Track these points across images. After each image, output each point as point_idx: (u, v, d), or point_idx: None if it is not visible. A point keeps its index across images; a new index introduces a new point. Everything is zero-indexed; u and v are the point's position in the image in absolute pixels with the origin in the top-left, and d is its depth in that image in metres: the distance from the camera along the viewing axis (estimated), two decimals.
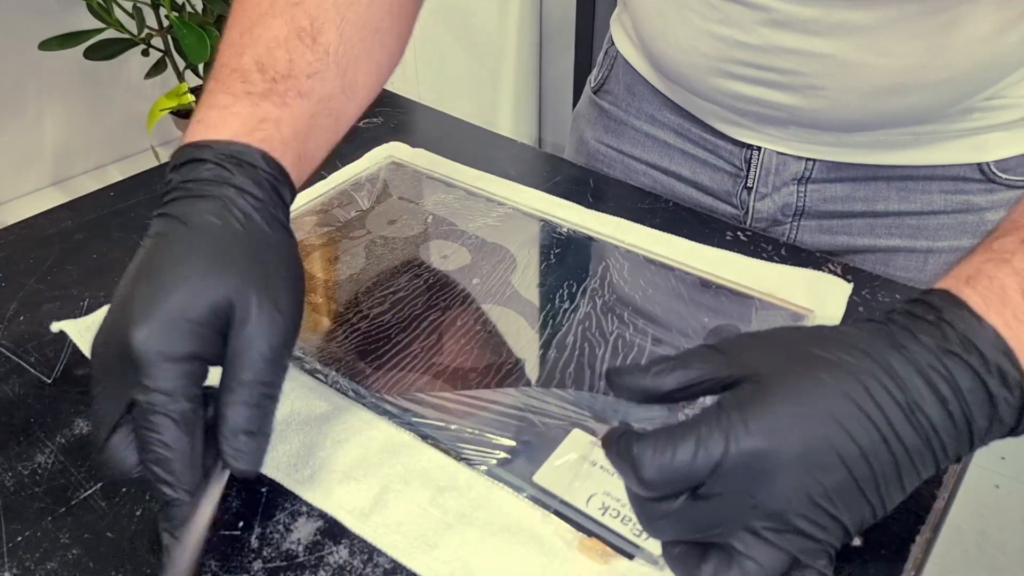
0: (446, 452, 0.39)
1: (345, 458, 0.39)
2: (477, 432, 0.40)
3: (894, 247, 0.58)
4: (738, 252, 0.53)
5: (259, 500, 0.37)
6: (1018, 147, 0.53)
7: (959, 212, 0.55)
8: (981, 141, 0.52)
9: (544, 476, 0.37)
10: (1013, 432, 0.30)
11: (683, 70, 0.54)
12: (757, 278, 0.49)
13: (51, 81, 1.16)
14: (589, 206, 0.58)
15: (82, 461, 0.39)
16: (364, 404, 0.42)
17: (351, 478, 0.38)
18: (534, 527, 0.36)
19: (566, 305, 0.48)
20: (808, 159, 0.56)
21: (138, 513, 0.37)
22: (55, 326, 0.47)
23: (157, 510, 0.34)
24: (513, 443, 0.39)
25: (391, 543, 0.35)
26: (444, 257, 0.53)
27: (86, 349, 0.46)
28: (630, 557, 0.34)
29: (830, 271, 0.51)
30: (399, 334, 0.46)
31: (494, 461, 0.38)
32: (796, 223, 0.59)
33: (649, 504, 0.29)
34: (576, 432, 0.39)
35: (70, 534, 0.36)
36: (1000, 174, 0.54)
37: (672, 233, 0.54)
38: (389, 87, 0.55)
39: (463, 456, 0.39)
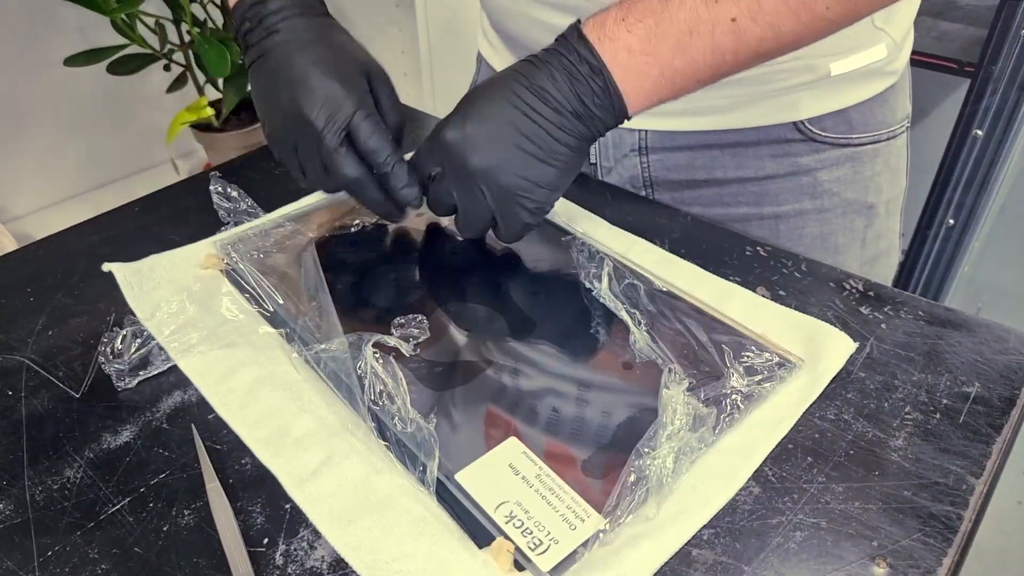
0: (386, 439, 0.41)
1: (302, 426, 0.42)
2: (418, 422, 0.40)
3: (744, 215, 0.62)
4: (759, 268, 0.53)
5: (283, 517, 0.38)
6: (826, 105, 0.57)
7: (792, 175, 0.60)
8: (792, 100, 0.57)
9: (466, 476, 0.38)
10: (624, 115, 0.45)
11: (504, 4, 0.60)
12: (756, 317, 0.48)
13: (75, 96, 1.17)
14: (605, 219, 0.58)
15: (110, 475, 0.40)
16: (325, 375, 0.44)
17: (300, 445, 0.41)
18: (451, 522, 0.37)
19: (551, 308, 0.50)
20: (640, 130, 0.61)
21: (165, 528, 0.37)
22: (106, 266, 0.52)
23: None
24: (450, 438, 0.40)
25: (316, 512, 0.38)
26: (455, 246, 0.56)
27: (129, 294, 0.51)
28: (520, 568, 0.35)
29: (850, 287, 0.51)
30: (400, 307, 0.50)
31: (425, 455, 0.39)
32: (650, 194, 0.64)
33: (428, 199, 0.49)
34: (513, 440, 0.40)
35: (99, 549, 0.36)
36: (819, 132, 0.58)
37: (689, 246, 0.55)
38: (403, 100, 0.56)
39: (402, 444, 0.40)
